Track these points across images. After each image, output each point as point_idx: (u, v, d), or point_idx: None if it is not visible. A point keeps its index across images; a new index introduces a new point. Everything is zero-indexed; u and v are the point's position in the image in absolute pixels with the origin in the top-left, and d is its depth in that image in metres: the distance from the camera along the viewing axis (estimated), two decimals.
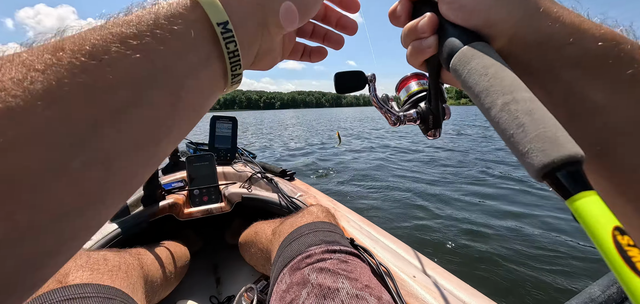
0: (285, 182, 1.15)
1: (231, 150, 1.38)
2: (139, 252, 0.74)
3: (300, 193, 1.04)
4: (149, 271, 0.72)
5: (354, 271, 0.53)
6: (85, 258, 0.56)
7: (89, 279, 0.51)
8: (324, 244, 0.58)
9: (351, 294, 0.48)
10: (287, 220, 0.71)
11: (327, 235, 0.62)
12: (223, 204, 1.05)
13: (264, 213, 0.98)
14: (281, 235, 0.67)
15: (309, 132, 10.86)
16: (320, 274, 0.51)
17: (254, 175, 1.17)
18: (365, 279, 0.52)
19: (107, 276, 0.55)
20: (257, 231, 0.86)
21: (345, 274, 0.51)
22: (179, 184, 1.08)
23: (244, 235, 0.93)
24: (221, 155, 1.36)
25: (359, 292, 0.49)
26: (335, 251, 0.57)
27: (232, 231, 1.18)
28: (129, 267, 0.63)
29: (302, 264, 0.55)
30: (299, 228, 0.64)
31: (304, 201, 0.98)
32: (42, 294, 0.46)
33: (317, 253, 0.56)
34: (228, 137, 1.39)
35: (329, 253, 0.56)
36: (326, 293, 0.48)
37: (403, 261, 0.66)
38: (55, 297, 0.45)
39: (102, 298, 0.49)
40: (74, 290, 0.47)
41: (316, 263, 0.54)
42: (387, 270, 0.60)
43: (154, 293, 0.73)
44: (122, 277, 0.58)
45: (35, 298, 0.45)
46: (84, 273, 0.52)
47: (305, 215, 0.69)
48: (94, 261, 0.56)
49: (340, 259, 0.55)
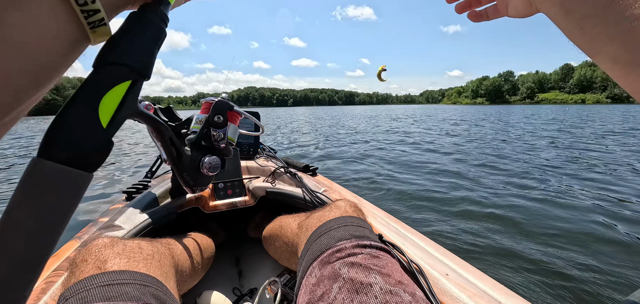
0: (309, 177, 1.15)
1: (254, 145, 1.40)
2: (169, 242, 0.76)
3: (324, 188, 1.04)
4: (179, 260, 0.73)
5: (386, 267, 0.52)
6: (121, 246, 0.57)
7: (126, 266, 0.53)
8: (354, 239, 0.57)
9: (385, 289, 0.47)
10: (314, 214, 0.71)
11: (356, 230, 0.61)
12: (247, 198, 1.06)
13: (287, 207, 0.98)
14: (309, 229, 0.66)
15: (326, 130, 10.81)
16: (351, 269, 0.51)
17: (278, 169, 1.18)
18: (398, 276, 0.51)
19: (142, 264, 0.56)
20: (282, 225, 0.86)
21: (378, 270, 0.51)
22: None
23: (268, 228, 0.94)
24: (244, 149, 1.37)
25: (392, 288, 0.48)
26: (366, 246, 0.56)
27: (254, 225, 1.20)
28: (162, 256, 0.65)
29: (332, 258, 0.54)
30: (327, 223, 0.64)
31: (328, 196, 0.98)
32: (83, 279, 0.47)
33: (347, 247, 0.55)
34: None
35: (359, 248, 0.55)
36: (358, 288, 0.47)
37: (434, 259, 0.65)
38: (95, 282, 0.47)
39: (139, 284, 0.50)
40: (113, 276, 0.49)
41: (347, 257, 0.54)
42: (419, 267, 0.59)
43: (183, 282, 0.75)
44: (156, 265, 0.59)
45: (77, 283, 0.47)
46: (121, 260, 0.54)
47: (333, 209, 0.68)
48: (129, 250, 0.58)
49: (372, 254, 0.54)
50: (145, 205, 0.89)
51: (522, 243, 1.93)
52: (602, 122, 13.01)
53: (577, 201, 2.68)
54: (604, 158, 4.71)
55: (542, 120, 14.46)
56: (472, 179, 3.45)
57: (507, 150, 5.62)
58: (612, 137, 7.34)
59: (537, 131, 9.17)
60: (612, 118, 15.84)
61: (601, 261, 1.73)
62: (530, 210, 2.47)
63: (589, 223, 2.22)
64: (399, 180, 3.46)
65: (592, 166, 4.14)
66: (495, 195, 2.87)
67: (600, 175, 3.63)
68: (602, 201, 2.69)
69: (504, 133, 8.63)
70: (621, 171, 3.82)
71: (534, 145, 6.23)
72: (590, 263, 1.72)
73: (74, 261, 0.52)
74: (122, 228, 0.78)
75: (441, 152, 5.53)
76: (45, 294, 0.55)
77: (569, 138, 7.33)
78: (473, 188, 3.09)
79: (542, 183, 3.30)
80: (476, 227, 2.16)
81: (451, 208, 2.55)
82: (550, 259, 1.75)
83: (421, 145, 6.41)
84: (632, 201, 2.70)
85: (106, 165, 4.54)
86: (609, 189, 3.05)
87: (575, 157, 4.80)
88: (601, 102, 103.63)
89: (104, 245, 0.55)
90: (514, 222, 2.24)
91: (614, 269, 1.65)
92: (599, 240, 1.97)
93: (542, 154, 5.11)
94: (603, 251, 1.84)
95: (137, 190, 0.99)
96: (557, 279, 1.58)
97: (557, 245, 1.91)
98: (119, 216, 0.82)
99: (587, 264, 1.70)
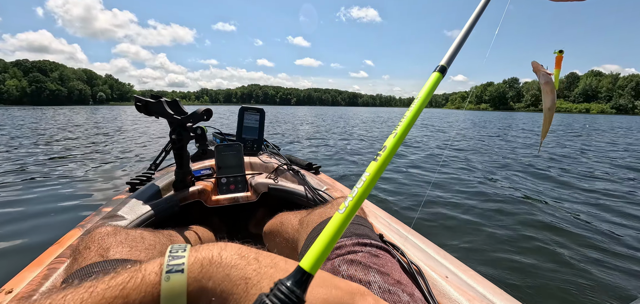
0: (311, 175, 1.15)
1: (258, 141, 1.40)
2: (170, 234, 0.76)
3: (326, 186, 1.04)
4: None
5: (385, 266, 0.52)
6: (124, 235, 0.58)
7: (128, 255, 0.54)
8: (354, 236, 0.57)
9: (383, 288, 0.48)
10: (315, 210, 0.71)
11: (357, 228, 0.61)
12: (249, 193, 1.07)
13: (289, 204, 0.99)
14: (309, 225, 0.67)
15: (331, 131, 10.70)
16: (351, 266, 0.51)
17: (280, 166, 1.18)
18: (397, 275, 0.51)
19: (144, 253, 0.57)
20: (283, 221, 0.86)
21: (377, 269, 0.51)
22: (207, 172, 1.11)
23: (269, 224, 0.94)
24: (248, 145, 1.38)
25: (391, 287, 0.48)
26: (366, 244, 0.56)
27: (256, 221, 1.20)
28: (163, 247, 0.65)
29: (332, 255, 0.54)
30: (327, 219, 0.64)
31: (330, 194, 0.98)
32: (85, 266, 0.48)
33: (347, 244, 0.56)
34: (255, 128, 1.41)
35: (359, 246, 0.55)
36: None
37: (434, 261, 0.65)
38: (97, 269, 0.48)
39: None
40: (114, 264, 0.49)
41: (347, 254, 0.54)
42: (418, 269, 0.60)
43: None
44: (157, 255, 0.60)
45: (79, 269, 0.48)
46: (123, 248, 0.54)
47: (334, 206, 0.68)
48: (132, 239, 0.58)
49: (371, 253, 0.54)
50: (148, 196, 0.90)
51: (529, 250, 1.92)
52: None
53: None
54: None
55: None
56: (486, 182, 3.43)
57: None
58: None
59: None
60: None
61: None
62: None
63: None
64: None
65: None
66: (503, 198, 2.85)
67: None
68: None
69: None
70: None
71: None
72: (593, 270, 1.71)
73: (77, 249, 0.53)
74: (125, 218, 0.78)
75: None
76: (48, 280, 0.55)
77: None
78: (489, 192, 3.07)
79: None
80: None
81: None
82: (555, 266, 1.74)
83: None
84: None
85: (110, 156, 4.57)
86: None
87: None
88: (606, 112, 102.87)
89: (107, 233, 0.56)
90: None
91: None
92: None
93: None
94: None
95: (140, 182, 1.00)
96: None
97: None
98: (122, 206, 0.83)
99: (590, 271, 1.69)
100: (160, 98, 0.89)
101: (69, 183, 3.09)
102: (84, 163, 4.10)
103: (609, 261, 1.82)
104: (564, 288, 1.57)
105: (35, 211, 2.29)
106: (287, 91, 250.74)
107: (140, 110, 0.87)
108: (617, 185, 3.58)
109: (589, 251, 1.93)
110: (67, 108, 41.39)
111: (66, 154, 4.75)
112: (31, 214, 2.22)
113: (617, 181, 3.78)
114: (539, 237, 2.10)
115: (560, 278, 1.65)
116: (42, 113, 22.77)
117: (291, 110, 49.99)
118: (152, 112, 0.87)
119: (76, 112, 26.98)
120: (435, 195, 2.99)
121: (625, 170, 4.55)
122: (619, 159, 5.58)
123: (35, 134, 7.65)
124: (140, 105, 0.86)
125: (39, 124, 11.21)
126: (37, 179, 3.19)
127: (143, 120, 13.55)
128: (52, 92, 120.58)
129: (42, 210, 2.29)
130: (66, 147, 5.43)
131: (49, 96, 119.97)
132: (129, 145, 6.05)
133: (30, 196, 2.63)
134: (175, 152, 0.93)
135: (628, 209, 2.71)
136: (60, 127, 9.95)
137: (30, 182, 3.09)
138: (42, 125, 10.90)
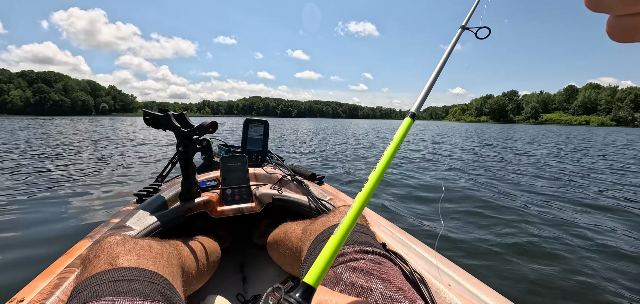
0: (315, 186, 1.16)
1: (262, 153, 1.42)
2: (176, 244, 0.77)
3: (330, 196, 1.06)
4: (186, 262, 0.75)
5: (387, 273, 0.52)
6: (132, 244, 0.59)
7: (136, 263, 0.55)
8: (356, 244, 0.58)
9: (385, 295, 0.48)
10: (318, 219, 0.72)
11: (359, 236, 0.62)
12: (254, 204, 1.08)
13: (293, 214, 1.00)
14: (312, 234, 0.67)
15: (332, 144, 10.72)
16: (353, 273, 0.52)
17: (285, 177, 1.20)
18: (399, 282, 0.52)
19: (151, 262, 0.58)
20: (287, 231, 0.87)
21: (379, 276, 0.51)
22: (212, 183, 1.12)
23: (273, 234, 0.95)
24: (252, 157, 1.40)
25: (392, 294, 0.48)
26: (368, 251, 0.57)
27: (259, 231, 1.21)
28: (170, 256, 0.67)
29: (334, 263, 0.55)
30: (330, 228, 0.65)
31: (333, 204, 0.99)
32: (95, 274, 0.49)
33: (349, 252, 0.56)
34: (260, 140, 1.43)
35: (361, 253, 0.56)
36: (359, 293, 0.48)
37: (437, 270, 0.66)
38: (106, 277, 0.49)
39: (147, 281, 0.52)
40: (123, 272, 0.51)
41: (349, 262, 0.54)
42: (421, 277, 0.60)
43: (189, 284, 0.76)
44: (164, 264, 0.61)
45: (89, 277, 0.49)
46: (131, 257, 0.55)
47: (337, 215, 0.69)
48: (140, 248, 0.60)
49: (374, 260, 0.55)
50: (155, 207, 0.91)
51: (531, 257, 1.91)
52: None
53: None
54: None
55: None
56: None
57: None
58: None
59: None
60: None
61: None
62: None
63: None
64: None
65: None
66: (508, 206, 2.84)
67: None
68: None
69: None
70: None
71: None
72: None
73: (87, 257, 0.54)
74: (133, 228, 0.80)
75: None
76: (58, 289, 0.57)
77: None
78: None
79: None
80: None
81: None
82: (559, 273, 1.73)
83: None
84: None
85: (118, 169, 4.60)
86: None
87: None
88: (606, 125, 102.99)
89: (116, 242, 0.57)
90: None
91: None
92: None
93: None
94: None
95: (147, 193, 1.02)
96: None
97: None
98: (129, 217, 0.84)
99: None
100: (168, 112, 0.91)
101: (78, 194, 3.11)
102: (93, 175, 4.13)
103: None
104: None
105: (46, 221, 2.30)
106: (288, 103, 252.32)
107: (148, 123, 0.89)
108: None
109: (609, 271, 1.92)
110: (68, 119, 41.34)
111: (75, 167, 4.78)
112: (41, 225, 2.23)
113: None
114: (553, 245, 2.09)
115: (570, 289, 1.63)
116: (51, 123, 22.74)
117: (293, 122, 49.98)
118: (160, 125, 0.90)
119: (81, 121, 26.92)
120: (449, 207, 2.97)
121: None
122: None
123: (44, 145, 7.70)
124: (149, 118, 0.89)
125: (48, 133, 11.23)
126: (47, 191, 3.22)
127: (147, 131, 13.59)
128: (55, 102, 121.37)
129: (52, 221, 2.31)
130: (74, 161, 5.46)
131: (53, 106, 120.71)
132: (134, 157, 6.07)
133: (41, 208, 2.65)
134: (181, 163, 0.95)
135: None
136: (67, 138, 10.02)
137: (41, 192, 3.13)
138: (51, 135, 10.94)
